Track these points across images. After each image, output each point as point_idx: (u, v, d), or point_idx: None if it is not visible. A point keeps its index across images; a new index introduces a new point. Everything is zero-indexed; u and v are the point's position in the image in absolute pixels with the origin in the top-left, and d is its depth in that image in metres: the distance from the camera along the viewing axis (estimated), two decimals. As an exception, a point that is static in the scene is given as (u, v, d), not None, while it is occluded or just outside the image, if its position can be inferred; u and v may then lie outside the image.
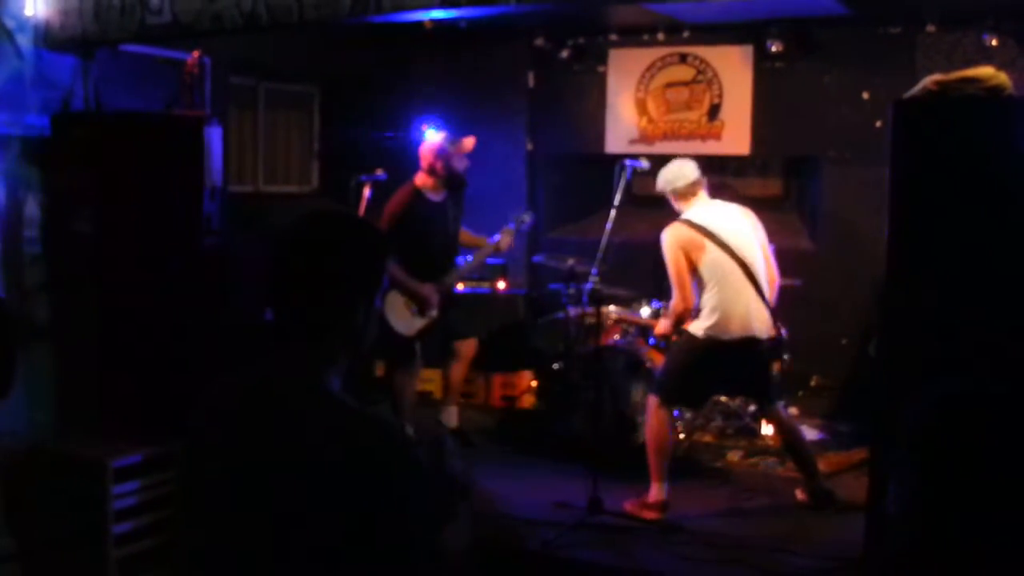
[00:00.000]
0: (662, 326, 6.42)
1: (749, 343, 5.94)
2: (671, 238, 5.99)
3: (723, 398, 7.29)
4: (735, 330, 5.91)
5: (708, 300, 5.94)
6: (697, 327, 6.00)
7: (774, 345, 6.10)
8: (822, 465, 6.71)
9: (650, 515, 5.91)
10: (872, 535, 4.34)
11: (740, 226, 6.07)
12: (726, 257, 5.92)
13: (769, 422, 6.17)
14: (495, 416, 8.11)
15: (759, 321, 5.96)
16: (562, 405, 7.17)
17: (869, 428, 5.68)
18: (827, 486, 6.11)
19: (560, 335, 7.59)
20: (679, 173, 6.11)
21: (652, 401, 6.08)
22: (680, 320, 6.12)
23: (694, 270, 5.95)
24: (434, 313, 6.93)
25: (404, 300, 6.85)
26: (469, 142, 7.03)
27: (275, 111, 9.05)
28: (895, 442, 2.16)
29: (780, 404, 6.29)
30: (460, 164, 7.00)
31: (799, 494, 6.17)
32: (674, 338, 6.42)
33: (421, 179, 6.95)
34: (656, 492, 5.99)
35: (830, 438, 7.43)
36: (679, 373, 6.07)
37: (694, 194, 6.09)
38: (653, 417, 6.05)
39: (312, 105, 9.46)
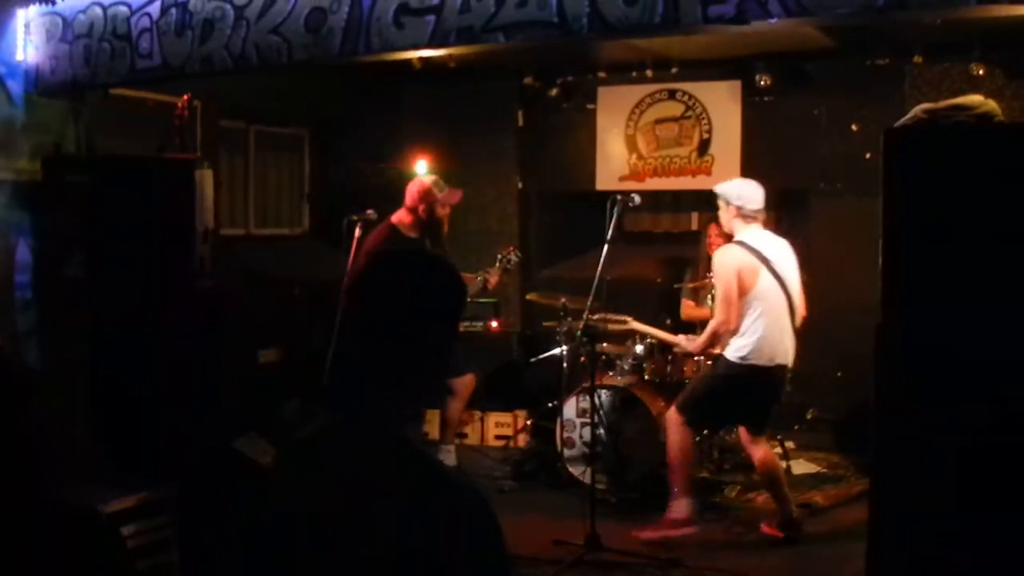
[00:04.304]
0: (695, 344, 6.40)
1: (780, 371, 5.98)
2: (728, 259, 5.96)
3: (720, 432, 7.25)
4: (773, 357, 5.91)
5: (750, 325, 5.89)
6: (733, 353, 5.95)
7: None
8: (820, 498, 6.70)
9: (678, 532, 5.92)
10: (874, 565, 4.29)
11: (788, 258, 6.07)
12: (776, 286, 5.92)
13: (755, 449, 6.10)
14: (490, 455, 8.06)
15: (791, 350, 6.00)
16: (557, 443, 7.12)
17: (867, 460, 5.63)
18: (797, 517, 6.07)
19: (554, 373, 7.55)
20: (755, 195, 6.02)
21: (676, 418, 6.05)
22: (714, 341, 6.11)
23: (743, 294, 5.90)
24: None
25: None
26: (457, 195, 7.00)
27: (265, 153, 9.06)
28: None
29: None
30: (442, 211, 6.94)
31: (764, 528, 6.12)
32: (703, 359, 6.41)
33: (399, 216, 6.90)
34: (685, 507, 5.99)
35: (827, 471, 7.40)
36: (711, 396, 6.06)
37: (756, 220, 6.04)
38: (677, 434, 6.03)
39: (302, 147, 9.48)
